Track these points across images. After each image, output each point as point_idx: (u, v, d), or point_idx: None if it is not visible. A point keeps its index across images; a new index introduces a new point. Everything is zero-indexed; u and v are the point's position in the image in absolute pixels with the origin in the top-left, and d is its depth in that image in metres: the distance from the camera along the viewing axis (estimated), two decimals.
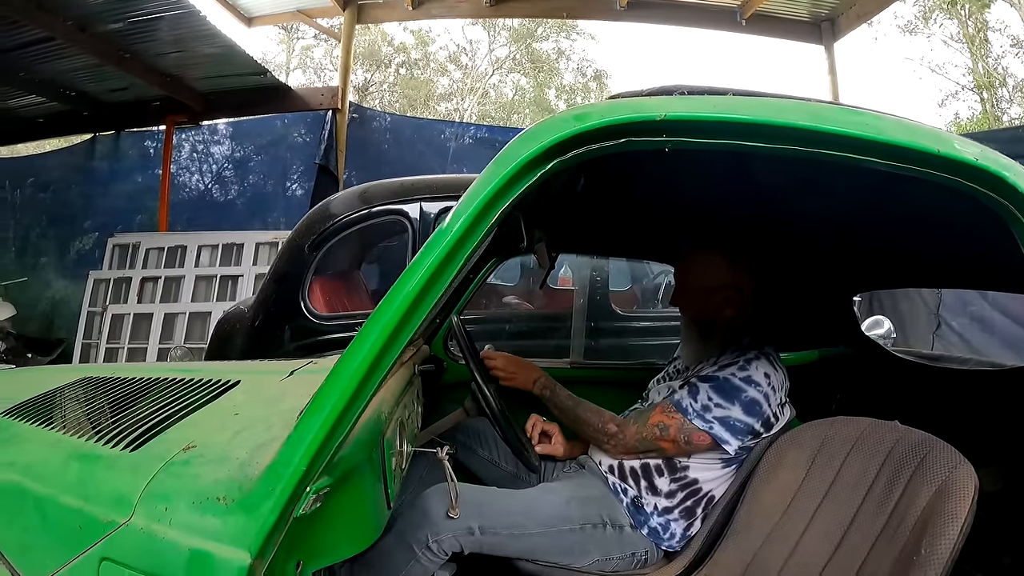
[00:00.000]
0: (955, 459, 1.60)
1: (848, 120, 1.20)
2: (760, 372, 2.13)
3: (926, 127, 1.31)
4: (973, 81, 21.16)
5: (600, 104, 1.24)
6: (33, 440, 1.57)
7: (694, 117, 1.19)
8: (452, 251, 1.19)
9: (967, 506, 1.48)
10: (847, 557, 1.71)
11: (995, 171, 1.21)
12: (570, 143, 1.19)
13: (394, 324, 1.17)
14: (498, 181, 1.19)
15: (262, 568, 1.14)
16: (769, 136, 1.20)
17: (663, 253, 3.52)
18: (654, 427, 2.15)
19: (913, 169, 1.22)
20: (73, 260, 9.15)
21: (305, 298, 3.87)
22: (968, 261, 2.41)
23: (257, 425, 1.42)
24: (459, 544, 2.01)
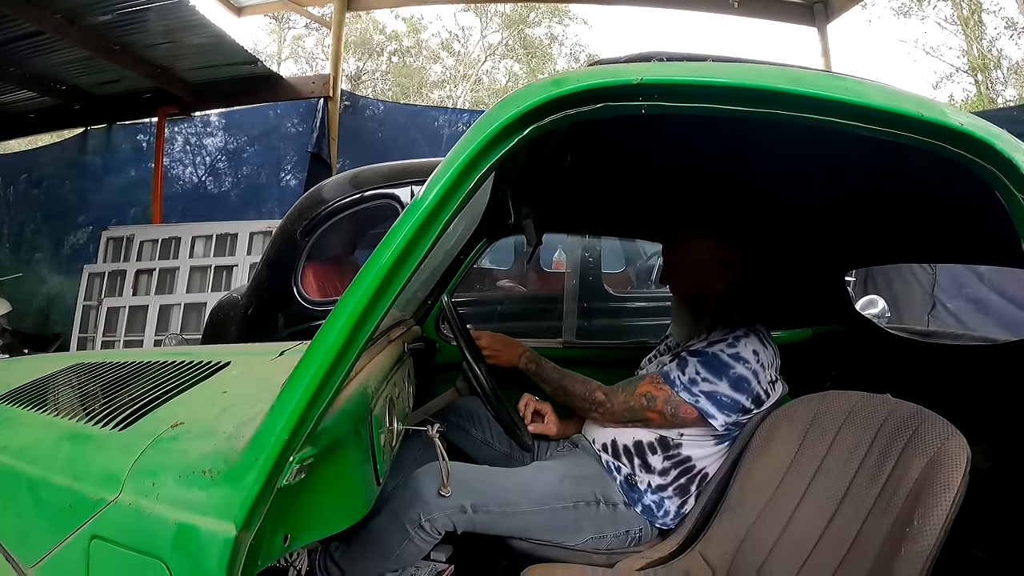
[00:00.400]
0: (947, 430, 1.61)
1: (829, 84, 1.20)
2: (748, 349, 2.14)
3: (913, 94, 1.31)
4: (968, 63, 21.08)
5: (578, 70, 1.24)
6: (25, 424, 1.58)
7: (671, 81, 1.19)
8: (428, 219, 1.19)
9: (960, 476, 1.49)
10: (840, 531, 1.72)
11: (982, 137, 1.20)
12: (548, 107, 1.19)
13: (371, 294, 1.17)
14: (475, 146, 1.19)
15: (248, 539, 1.15)
16: (748, 100, 1.19)
17: (652, 231, 3.54)
18: (642, 396, 2.17)
19: (897, 134, 1.22)
20: (67, 255, 9.15)
21: (298, 284, 3.86)
22: (960, 234, 2.42)
23: (244, 402, 1.43)
24: (452, 523, 2.02)
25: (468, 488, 2.05)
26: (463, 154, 1.20)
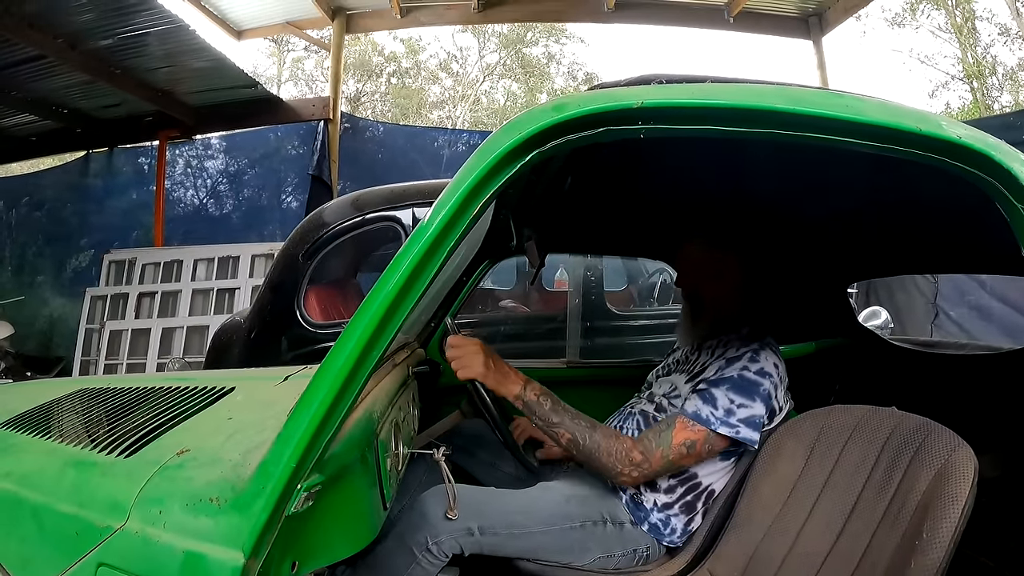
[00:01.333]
0: (954, 442, 1.60)
1: (828, 103, 1.21)
2: (770, 363, 2.12)
3: (910, 108, 1.31)
4: (963, 71, 21.25)
5: (579, 94, 1.25)
6: (29, 450, 1.58)
7: (670, 104, 1.19)
8: (434, 244, 1.20)
9: (968, 488, 1.48)
10: (849, 545, 1.71)
11: (980, 149, 1.21)
12: (549, 133, 1.20)
13: (378, 319, 1.18)
14: (479, 172, 1.20)
15: (256, 567, 1.14)
16: (747, 120, 1.20)
17: (653, 249, 3.55)
18: (681, 447, 2.07)
19: (896, 150, 1.22)
20: (70, 278, 9.17)
21: (301, 307, 3.88)
22: (961, 244, 2.42)
23: (250, 428, 1.43)
24: (459, 545, 2.00)
25: (474, 510, 2.03)
26: (467, 180, 1.21)
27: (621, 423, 2.36)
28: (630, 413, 2.38)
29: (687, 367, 2.35)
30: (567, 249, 4.13)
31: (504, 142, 1.20)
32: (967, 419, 1.76)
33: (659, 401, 2.32)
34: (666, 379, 2.41)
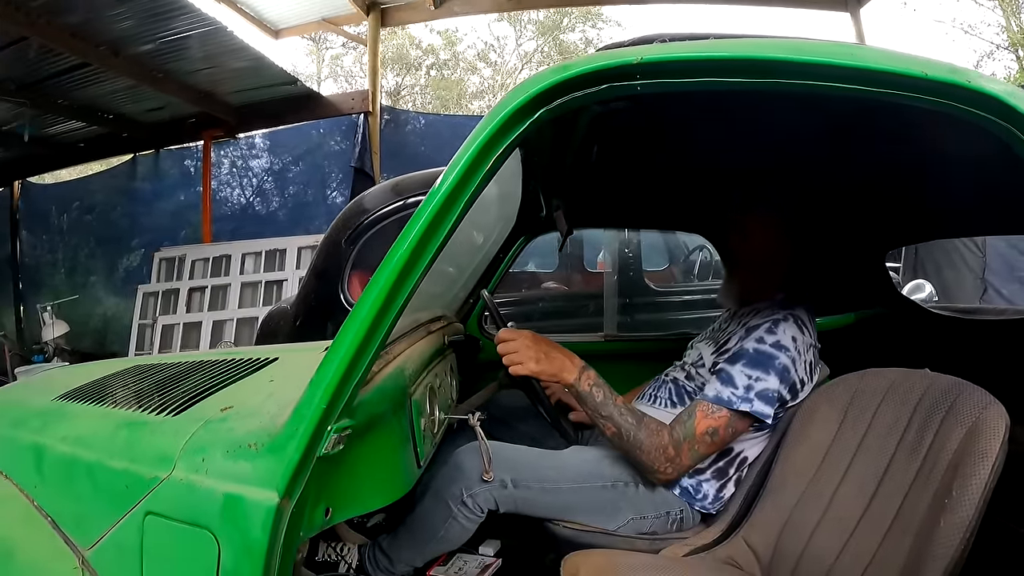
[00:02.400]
0: (985, 400, 1.58)
1: (830, 50, 1.22)
2: (788, 336, 2.10)
3: (919, 56, 1.32)
4: (1008, 39, 20.63)
5: (585, 56, 1.29)
6: (85, 416, 1.66)
7: (669, 58, 1.23)
8: (450, 198, 1.26)
9: (998, 444, 1.46)
10: (882, 507, 1.69)
11: (991, 92, 1.20)
12: (555, 91, 1.25)
13: (399, 270, 1.24)
14: (491, 130, 1.25)
15: (290, 507, 1.22)
16: (746, 71, 1.22)
17: (684, 222, 3.56)
18: (704, 435, 2.06)
19: (902, 95, 1.23)
20: (121, 277, 9.46)
21: (345, 291, 3.95)
22: (989, 205, 2.39)
23: (289, 388, 1.50)
24: (493, 499, 2.05)
25: (508, 465, 2.08)
26: (479, 137, 1.26)
27: (655, 392, 2.38)
28: (663, 382, 2.39)
29: (716, 336, 2.36)
30: (598, 223, 4.15)
31: (513, 100, 1.26)
32: (1009, 383, 1.73)
33: (688, 369, 2.34)
34: (698, 347, 2.41)
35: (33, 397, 1.88)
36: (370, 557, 2.18)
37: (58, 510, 1.48)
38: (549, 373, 2.06)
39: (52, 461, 1.54)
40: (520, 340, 2.06)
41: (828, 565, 1.73)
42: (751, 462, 2.19)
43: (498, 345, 2.08)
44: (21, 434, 1.65)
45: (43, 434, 1.61)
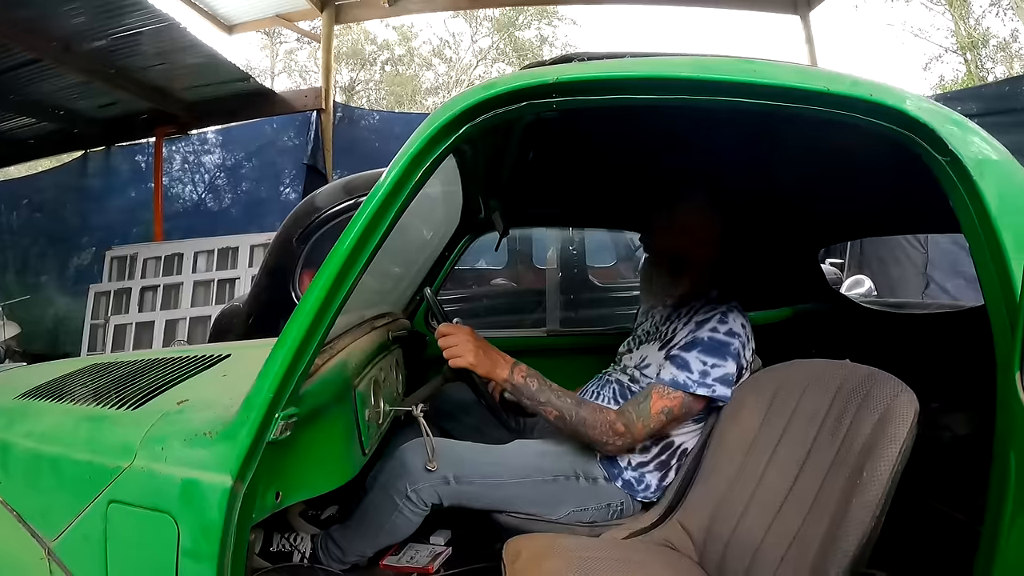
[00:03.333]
0: (897, 388, 1.65)
1: (737, 68, 1.35)
2: (738, 323, 2.20)
3: (826, 71, 1.44)
4: (956, 43, 21.12)
5: (508, 74, 1.42)
6: (48, 413, 1.72)
7: (583, 78, 1.37)
8: (381, 208, 1.40)
9: (906, 429, 1.53)
10: (804, 489, 1.77)
11: (892, 104, 1.34)
12: (479, 108, 1.38)
13: (337, 271, 1.37)
14: (418, 145, 1.39)
15: (242, 490, 1.33)
16: (655, 89, 1.36)
17: (620, 221, 3.70)
18: (660, 415, 2.15)
19: (806, 108, 1.36)
20: (73, 276, 9.29)
21: (296, 289, 4.00)
22: (905, 206, 2.52)
23: (242, 381, 1.58)
24: (436, 494, 2.15)
25: (451, 461, 2.18)
26: (409, 151, 1.40)
27: (599, 389, 2.45)
28: (607, 381, 2.47)
29: (658, 336, 2.42)
30: (535, 221, 4.27)
31: (441, 116, 1.39)
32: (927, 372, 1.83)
33: (632, 373, 2.40)
34: (636, 351, 2.48)
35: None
36: (323, 547, 2.27)
37: (23, 505, 1.55)
38: (485, 368, 2.15)
39: (16, 458, 1.60)
40: (459, 335, 2.15)
41: (755, 544, 1.80)
42: (690, 452, 2.27)
43: (439, 339, 2.17)
44: None
45: (7, 432, 1.66)
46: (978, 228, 1.33)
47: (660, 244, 2.43)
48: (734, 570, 1.85)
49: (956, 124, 1.37)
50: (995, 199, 1.30)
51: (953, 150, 1.33)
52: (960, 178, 1.34)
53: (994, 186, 1.32)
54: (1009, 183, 1.31)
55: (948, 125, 1.35)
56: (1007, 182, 1.31)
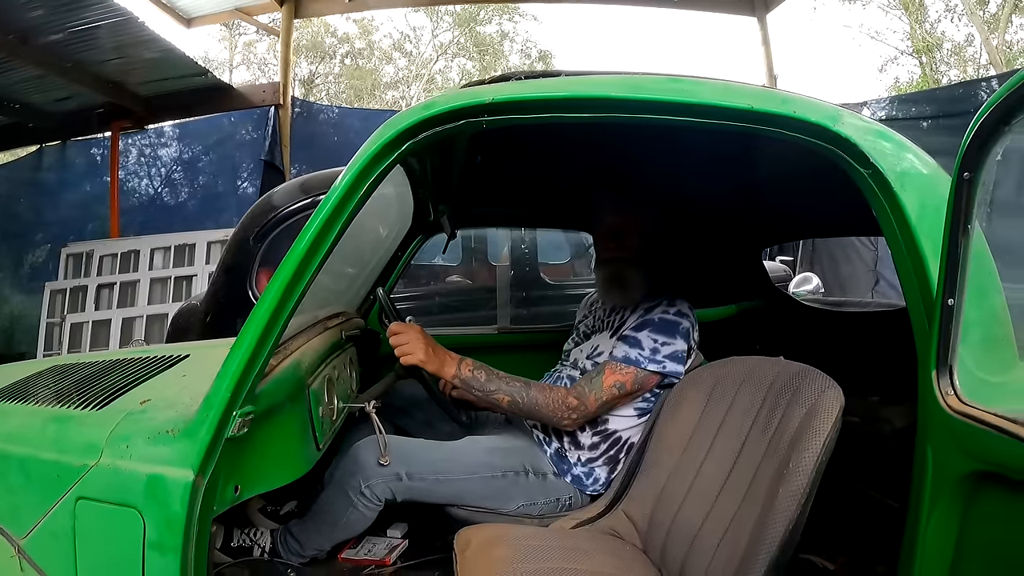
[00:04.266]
0: (825, 384, 1.75)
1: (665, 88, 1.46)
2: (685, 307, 2.37)
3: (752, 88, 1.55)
4: (912, 46, 21.48)
5: (447, 93, 1.55)
6: (13, 414, 1.77)
7: (516, 99, 1.49)
8: (330, 219, 1.51)
9: (830, 423, 1.63)
10: (738, 480, 1.88)
11: (816, 121, 1.46)
12: (420, 127, 1.51)
13: (290, 276, 1.47)
14: (363, 161, 1.52)
15: (203, 483, 1.42)
16: (585, 108, 1.48)
17: (568, 221, 3.84)
18: (612, 388, 2.28)
19: (732, 125, 1.47)
20: (27, 274, 9.09)
21: (253, 287, 4.05)
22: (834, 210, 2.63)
23: (201, 381, 1.67)
24: (390, 490, 2.26)
25: (403, 458, 2.28)
26: (355, 166, 1.52)
27: (552, 383, 2.53)
28: (559, 377, 2.58)
29: (606, 326, 2.56)
30: (484, 221, 4.38)
31: (384, 135, 1.51)
32: (874, 371, 1.93)
33: (583, 365, 2.51)
34: (586, 343, 2.61)
35: None
36: (282, 541, 2.37)
37: None
38: (434, 366, 2.26)
39: None
40: (410, 333, 2.26)
41: (694, 531, 1.92)
42: (636, 446, 2.37)
43: (390, 338, 2.27)
44: None
45: None
46: (899, 236, 1.43)
47: (601, 248, 2.56)
48: (674, 555, 1.95)
49: (881, 137, 1.48)
50: (915, 208, 1.40)
51: (875, 163, 1.44)
52: (881, 189, 1.45)
53: (915, 197, 1.41)
54: (931, 193, 1.38)
55: (871, 139, 1.46)
56: (929, 192, 1.39)
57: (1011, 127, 1.10)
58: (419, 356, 2.23)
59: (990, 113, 1.10)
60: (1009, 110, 1.08)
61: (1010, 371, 1.29)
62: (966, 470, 1.19)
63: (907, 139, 1.55)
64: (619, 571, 1.95)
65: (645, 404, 2.37)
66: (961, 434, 1.19)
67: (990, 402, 1.17)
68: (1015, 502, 1.08)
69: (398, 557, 2.47)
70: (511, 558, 1.86)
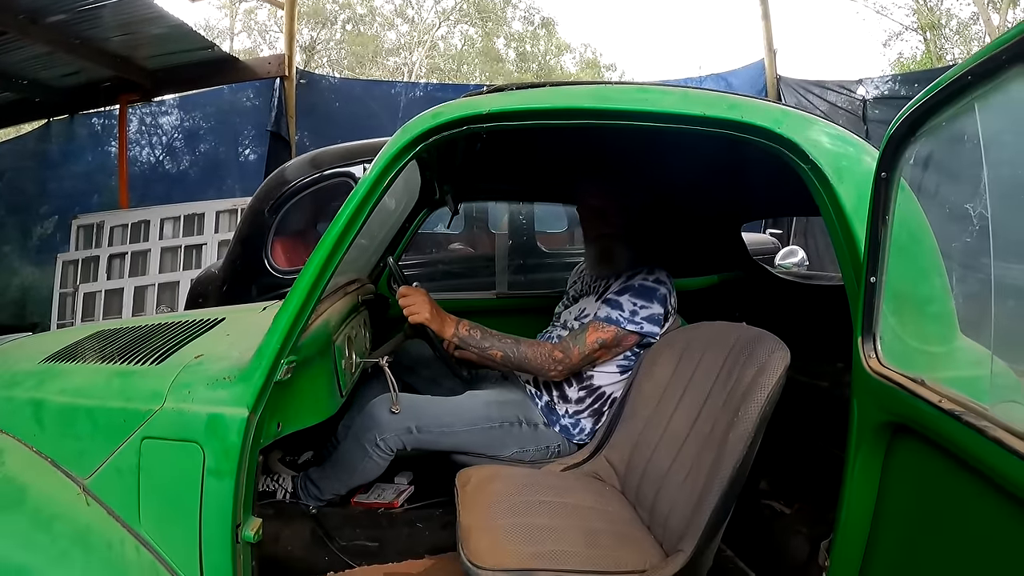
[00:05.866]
0: (775, 346, 1.95)
1: (629, 97, 1.73)
2: (663, 275, 2.61)
3: (707, 96, 1.79)
4: (917, 22, 21.23)
5: (452, 103, 1.82)
6: (76, 372, 1.98)
7: (507, 109, 1.78)
8: (360, 205, 1.79)
9: (773, 379, 1.85)
10: (701, 427, 2.12)
11: (760, 124, 1.69)
12: (429, 133, 1.80)
13: (330, 249, 1.76)
14: (383, 161, 1.81)
15: (255, 420, 1.71)
16: (562, 116, 1.77)
17: (561, 196, 4.11)
18: (594, 343, 2.52)
19: (689, 129, 1.73)
20: (36, 246, 9.23)
21: (268, 256, 4.35)
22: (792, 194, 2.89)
23: (244, 339, 1.97)
24: (401, 442, 2.55)
25: (413, 413, 2.57)
26: (378, 165, 1.80)
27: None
28: (550, 336, 2.83)
29: (593, 291, 2.81)
30: (484, 196, 4.69)
31: (400, 140, 1.81)
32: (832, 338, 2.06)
33: (572, 325, 2.75)
34: (574, 306, 2.85)
35: (17, 363, 2.12)
36: (302, 486, 2.70)
37: (58, 452, 1.80)
38: (437, 325, 2.52)
39: (51, 412, 1.84)
40: (417, 295, 2.52)
41: (664, 472, 2.16)
42: (617, 400, 2.64)
43: (399, 299, 2.54)
44: (17, 393, 1.91)
45: (39, 391, 1.89)
46: (836, 223, 1.64)
47: (587, 226, 2.81)
48: (646, 493, 2.21)
49: (824, 136, 1.70)
50: (852, 199, 1.59)
51: (814, 160, 1.65)
52: (820, 182, 1.65)
53: (852, 189, 1.61)
54: (868, 185, 1.47)
55: (813, 137, 1.68)
56: (866, 184, 1.49)
57: (917, 137, 1.32)
58: (424, 315, 2.49)
59: (900, 123, 1.31)
60: (915, 123, 1.29)
61: (948, 343, 1.49)
62: (881, 420, 1.41)
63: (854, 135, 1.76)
64: (599, 504, 2.21)
65: (626, 362, 2.61)
66: (877, 390, 1.40)
67: (914, 367, 1.37)
68: (923, 453, 1.27)
69: (405, 500, 2.80)
70: (506, 491, 2.14)
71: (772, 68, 9.73)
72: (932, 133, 1.30)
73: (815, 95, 9.45)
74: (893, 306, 1.45)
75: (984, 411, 1.12)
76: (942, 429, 1.18)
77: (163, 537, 1.73)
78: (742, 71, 10.20)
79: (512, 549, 1.86)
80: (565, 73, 27.50)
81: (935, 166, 1.41)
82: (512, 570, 1.79)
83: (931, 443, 1.24)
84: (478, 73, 26.50)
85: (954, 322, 1.48)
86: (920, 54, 21.13)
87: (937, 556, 1.25)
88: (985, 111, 1.15)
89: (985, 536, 1.11)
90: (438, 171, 3.00)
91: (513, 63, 27.22)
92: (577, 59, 29.32)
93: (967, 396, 1.18)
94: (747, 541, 2.51)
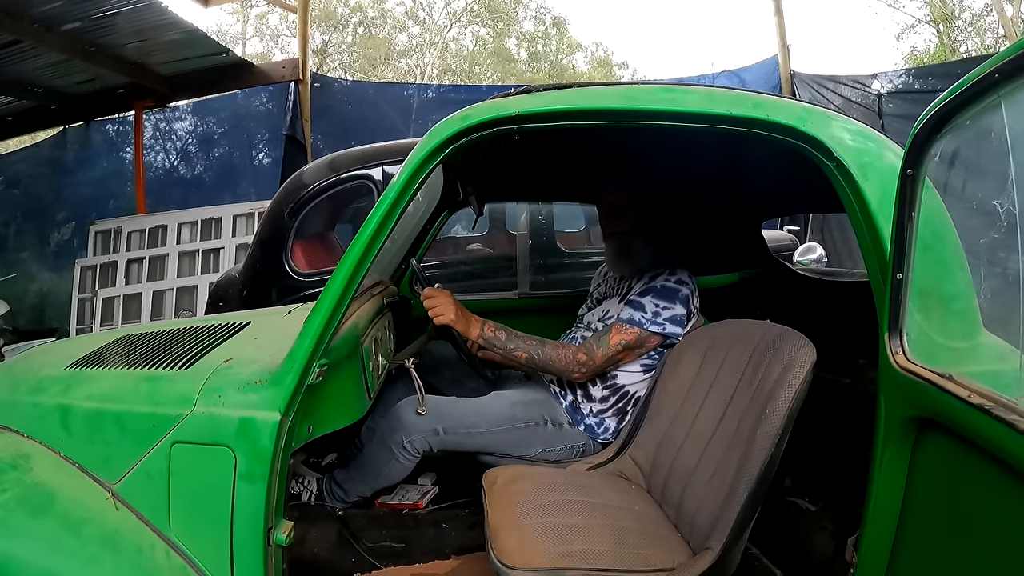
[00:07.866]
0: (801, 343, 1.93)
1: (654, 97, 1.72)
2: (685, 275, 2.60)
3: (732, 95, 1.78)
4: (930, 14, 21.07)
5: (480, 105, 1.82)
6: (103, 378, 1.98)
7: (535, 110, 1.78)
8: (391, 208, 1.78)
9: (800, 376, 1.83)
10: (727, 426, 2.10)
11: (785, 123, 1.69)
12: (459, 135, 1.80)
13: (358, 256, 1.75)
14: (413, 164, 1.80)
15: (287, 424, 1.70)
16: (590, 117, 1.76)
17: (580, 196, 4.08)
18: (617, 345, 2.51)
19: (715, 128, 1.73)
20: (54, 252, 9.31)
21: (288, 259, 4.35)
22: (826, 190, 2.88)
23: (272, 343, 1.98)
24: (428, 443, 2.55)
25: (439, 415, 2.56)
26: (408, 167, 1.80)
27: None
28: (574, 338, 2.82)
29: (616, 292, 2.80)
30: (507, 196, 4.69)
31: (430, 143, 1.80)
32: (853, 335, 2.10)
33: (596, 327, 2.75)
34: (597, 308, 2.85)
35: (43, 369, 2.13)
36: (327, 488, 2.71)
37: (85, 457, 1.79)
38: (462, 326, 2.52)
39: (78, 417, 1.84)
40: (441, 297, 2.53)
41: (690, 471, 2.15)
42: (642, 399, 2.61)
43: (424, 301, 2.54)
44: (43, 399, 1.91)
45: (66, 396, 1.89)
46: (861, 220, 1.64)
47: (605, 224, 2.81)
48: (672, 492, 2.20)
49: (847, 133, 1.69)
50: (876, 196, 1.60)
51: (839, 157, 1.65)
52: (845, 179, 1.66)
53: (876, 185, 1.61)
54: (893, 182, 1.48)
55: (836, 134, 1.68)
56: (891, 181, 1.50)
57: (942, 134, 1.32)
58: (450, 316, 2.50)
59: (926, 121, 1.31)
60: (941, 120, 1.29)
61: (972, 338, 1.49)
62: (908, 415, 1.41)
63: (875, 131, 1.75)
64: (625, 503, 2.20)
65: (650, 361, 2.60)
66: (904, 385, 1.40)
67: (940, 363, 1.37)
68: (950, 447, 1.28)
69: (429, 501, 2.80)
70: (532, 491, 2.13)
71: (786, 64, 9.66)
72: (958, 130, 1.30)
73: (829, 90, 9.37)
74: (918, 302, 1.45)
75: (1013, 405, 1.12)
76: (971, 423, 1.18)
77: (193, 541, 1.74)
78: (756, 67, 10.13)
79: (541, 548, 1.86)
80: (577, 72, 27.47)
81: (961, 163, 1.41)
82: (542, 569, 1.79)
83: (959, 437, 1.24)
84: (490, 73, 26.51)
85: (977, 318, 1.50)
86: (933, 47, 20.86)
87: (966, 549, 1.25)
88: (1012, 108, 1.15)
89: (1015, 530, 1.11)
90: (461, 172, 3.00)
91: (525, 63, 27.21)
92: (589, 58, 29.30)
93: (994, 390, 1.18)
94: (772, 539, 2.50)
